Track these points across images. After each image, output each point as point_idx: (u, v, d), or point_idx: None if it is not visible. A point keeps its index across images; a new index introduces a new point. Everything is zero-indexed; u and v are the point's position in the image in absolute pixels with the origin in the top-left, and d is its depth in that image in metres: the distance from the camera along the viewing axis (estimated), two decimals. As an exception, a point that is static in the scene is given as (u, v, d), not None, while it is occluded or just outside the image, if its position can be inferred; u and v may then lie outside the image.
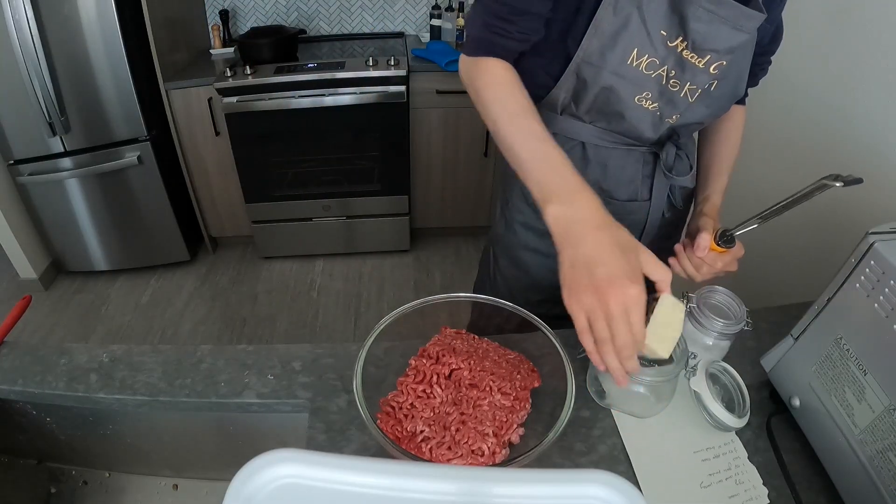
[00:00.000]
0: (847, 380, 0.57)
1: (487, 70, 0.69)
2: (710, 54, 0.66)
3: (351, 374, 0.59)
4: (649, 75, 0.69)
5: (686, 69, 0.68)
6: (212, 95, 2.12)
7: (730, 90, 0.74)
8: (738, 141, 0.87)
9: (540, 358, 0.68)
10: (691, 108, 0.73)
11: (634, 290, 0.51)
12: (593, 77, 0.70)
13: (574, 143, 0.80)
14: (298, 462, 0.38)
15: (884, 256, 0.53)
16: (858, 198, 1.06)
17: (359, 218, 2.49)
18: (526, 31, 0.69)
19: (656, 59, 0.68)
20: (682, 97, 0.71)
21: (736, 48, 0.67)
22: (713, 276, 0.75)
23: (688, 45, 0.66)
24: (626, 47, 0.67)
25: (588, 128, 0.78)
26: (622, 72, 0.69)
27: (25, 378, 0.73)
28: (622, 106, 0.72)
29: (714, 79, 0.70)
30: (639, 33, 0.66)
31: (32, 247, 2.34)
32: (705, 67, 0.67)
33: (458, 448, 0.58)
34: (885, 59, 0.98)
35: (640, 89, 0.70)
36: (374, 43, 2.52)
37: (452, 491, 0.38)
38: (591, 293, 0.52)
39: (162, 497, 0.83)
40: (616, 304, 0.51)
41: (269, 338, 2.18)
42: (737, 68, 0.72)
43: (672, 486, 0.62)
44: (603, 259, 0.53)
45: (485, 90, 0.68)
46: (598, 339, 0.53)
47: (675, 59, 0.68)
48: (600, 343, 0.53)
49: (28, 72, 1.86)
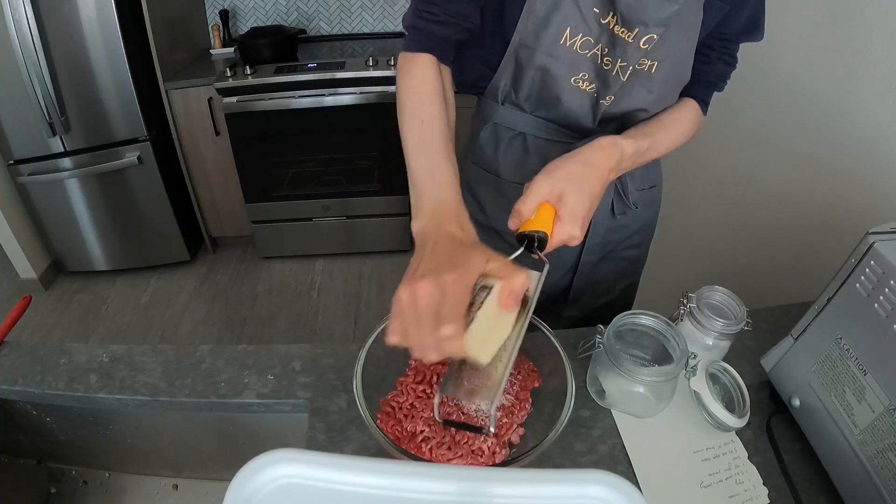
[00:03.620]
0: (847, 380, 0.57)
1: (414, 70, 0.68)
2: (638, 27, 0.65)
3: (351, 374, 0.59)
4: (584, 55, 0.69)
5: (617, 45, 0.67)
6: (212, 95, 2.12)
7: (673, 75, 0.72)
8: (686, 130, 0.78)
9: (540, 358, 0.67)
10: (628, 90, 0.71)
11: (439, 281, 0.46)
12: (528, 59, 0.70)
13: (515, 134, 0.80)
14: (298, 462, 0.38)
15: (884, 256, 0.53)
16: (858, 198, 1.06)
17: (359, 218, 2.49)
18: (453, 14, 0.68)
19: (591, 38, 0.68)
20: (615, 76, 0.70)
21: (667, 21, 0.65)
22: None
23: (617, 19, 0.65)
24: (559, 27, 0.67)
25: (529, 118, 0.78)
26: (556, 52, 0.68)
27: (25, 378, 0.73)
28: (558, 88, 0.72)
29: (644, 55, 0.68)
30: (571, 12, 0.66)
31: (32, 247, 2.34)
32: (635, 42, 0.66)
33: (458, 448, 0.58)
34: (885, 57, 0.98)
35: (575, 70, 0.70)
36: (374, 43, 2.52)
37: (452, 491, 0.38)
38: (406, 286, 0.48)
39: (162, 497, 0.83)
40: (423, 298, 0.46)
41: (269, 338, 2.18)
42: (677, 49, 0.70)
43: (672, 486, 0.62)
44: (432, 259, 0.50)
45: (404, 90, 0.67)
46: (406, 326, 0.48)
47: (608, 36, 0.67)
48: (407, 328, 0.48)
49: (28, 72, 1.86)
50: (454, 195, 0.58)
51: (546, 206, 0.58)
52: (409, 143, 0.64)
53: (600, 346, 0.66)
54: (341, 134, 2.25)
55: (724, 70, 0.78)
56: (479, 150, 0.85)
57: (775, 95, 1.22)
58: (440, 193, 0.58)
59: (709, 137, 0.99)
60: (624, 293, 0.98)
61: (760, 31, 0.74)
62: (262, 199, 2.39)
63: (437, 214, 0.56)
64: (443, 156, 0.61)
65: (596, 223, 0.84)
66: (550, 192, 0.58)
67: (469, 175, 0.89)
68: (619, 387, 0.66)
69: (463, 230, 0.55)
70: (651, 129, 0.72)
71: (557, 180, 0.58)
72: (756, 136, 1.30)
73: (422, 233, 0.55)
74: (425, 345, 0.47)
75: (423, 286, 0.46)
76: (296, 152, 2.31)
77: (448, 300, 0.46)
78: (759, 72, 1.16)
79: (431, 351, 0.47)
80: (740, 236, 1.40)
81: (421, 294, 0.46)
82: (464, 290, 0.47)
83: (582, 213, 0.58)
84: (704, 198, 1.51)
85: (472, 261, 0.49)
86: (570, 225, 0.57)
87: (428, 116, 0.64)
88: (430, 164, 0.61)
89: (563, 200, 0.58)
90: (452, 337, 0.45)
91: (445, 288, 0.46)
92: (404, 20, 0.72)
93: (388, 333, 0.49)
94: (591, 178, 0.60)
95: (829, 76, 1.11)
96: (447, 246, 0.52)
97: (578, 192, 0.58)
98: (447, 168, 0.60)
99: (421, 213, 0.57)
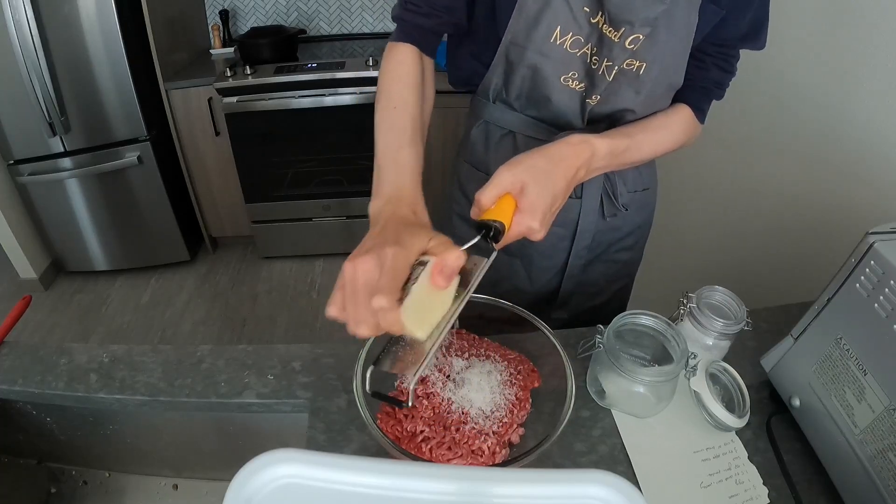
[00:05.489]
0: (847, 380, 0.57)
1: (394, 59, 0.70)
2: (624, 26, 0.65)
3: (351, 374, 0.59)
4: (574, 54, 0.69)
5: (604, 44, 0.67)
6: (212, 95, 2.12)
7: (663, 77, 0.71)
8: (674, 134, 0.76)
9: (540, 358, 0.67)
10: (615, 91, 0.71)
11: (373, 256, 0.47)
12: (519, 57, 0.71)
13: (505, 133, 0.80)
14: (298, 462, 0.38)
15: (884, 256, 0.53)
16: (858, 198, 1.06)
17: (359, 218, 2.48)
18: (438, 8, 0.70)
19: (581, 37, 0.68)
20: (601, 75, 0.70)
21: (654, 21, 0.64)
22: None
23: (605, 18, 0.66)
24: (550, 25, 0.67)
25: (519, 117, 0.78)
26: (546, 50, 0.69)
27: (25, 378, 0.73)
28: (548, 88, 0.72)
29: (632, 55, 0.67)
30: (562, 10, 0.66)
31: (32, 247, 2.34)
32: (620, 41, 0.66)
33: (458, 448, 0.58)
34: (885, 57, 0.98)
35: (565, 68, 0.70)
36: (374, 43, 2.52)
37: (452, 491, 0.38)
38: (349, 261, 0.49)
39: (162, 497, 0.83)
40: (362, 273, 0.47)
41: (269, 338, 2.18)
42: (667, 51, 0.69)
43: (672, 486, 0.62)
44: (379, 237, 0.51)
45: (382, 77, 0.69)
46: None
47: (597, 35, 0.68)
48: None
49: (28, 72, 1.86)
50: (413, 180, 0.59)
51: (507, 198, 0.58)
52: (379, 126, 0.65)
53: (600, 346, 0.66)
54: (341, 134, 2.25)
55: (721, 77, 0.76)
56: (471, 149, 0.86)
57: (776, 95, 1.22)
58: (400, 178, 0.59)
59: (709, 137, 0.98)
60: (617, 295, 0.98)
61: (762, 40, 0.73)
62: (262, 199, 2.39)
63: (393, 198, 0.57)
64: (408, 142, 0.63)
65: (584, 226, 0.84)
66: (512, 183, 0.57)
67: (461, 173, 0.89)
68: (619, 387, 0.66)
69: (415, 214, 0.56)
70: (633, 130, 0.71)
71: (520, 172, 0.58)
72: (756, 135, 1.30)
73: (375, 213, 0.57)
74: (359, 318, 0.47)
75: (364, 260, 0.47)
76: (296, 152, 2.31)
77: (385, 273, 0.46)
78: (759, 71, 1.16)
79: (364, 325, 0.47)
80: (740, 236, 1.40)
81: (360, 269, 0.47)
82: (402, 265, 0.48)
83: (542, 207, 0.58)
84: (704, 197, 1.51)
85: (415, 237, 0.50)
86: (528, 217, 0.57)
87: (400, 103, 0.66)
88: (394, 148, 0.62)
89: (524, 192, 0.57)
90: (386, 310, 0.45)
91: (385, 261, 0.47)
92: (392, 12, 0.73)
93: (328, 305, 0.49)
94: (555, 173, 0.60)
95: (829, 76, 1.11)
96: (395, 225, 0.53)
97: (540, 186, 0.58)
98: (410, 153, 0.62)
99: (378, 196, 0.58)
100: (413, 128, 0.64)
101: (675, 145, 0.77)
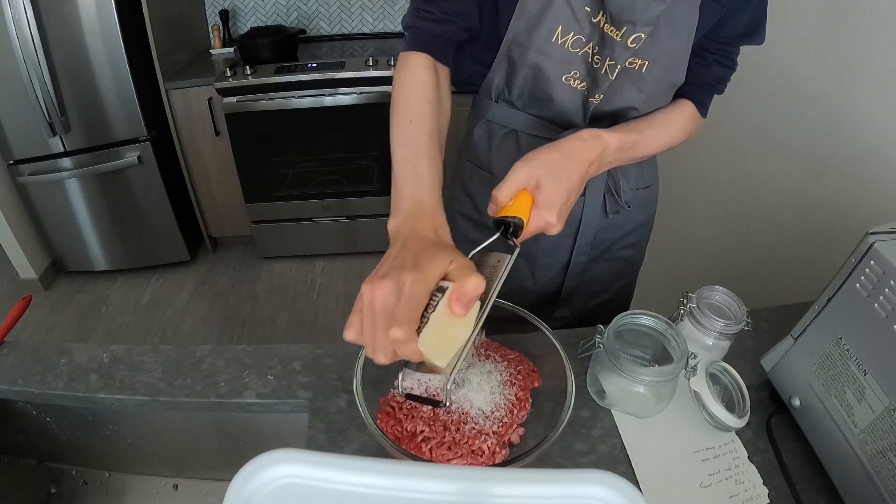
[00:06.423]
0: (847, 380, 0.57)
1: (408, 69, 0.68)
2: (626, 25, 0.65)
3: (351, 374, 0.59)
4: (576, 53, 0.69)
5: (606, 44, 0.68)
6: (212, 95, 2.12)
7: (665, 75, 0.72)
8: (679, 130, 0.77)
9: (540, 358, 0.67)
10: (618, 89, 0.71)
11: (395, 281, 0.46)
12: (521, 57, 0.71)
13: (508, 132, 0.81)
14: (298, 462, 0.38)
15: (884, 256, 0.53)
16: (858, 198, 1.06)
17: (359, 218, 2.48)
18: (451, 13, 0.69)
19: (582, 37, 0.68)
20: (604, 74, 0.70)
21: (656, 20, 0.65)
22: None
23: (607, 18, 0.66)
24: (551, 25, 0.67)
25: (521, 115, 0.78)
26: (548, 50, 0.69)
27: (25, 378, 0.73)
28: (550, 87, 0.72)
29: (634, 54, 0.68)
30: (563, 10, 0.66)
31: (32, 247, 2.34)
32: (622, 40, 0.66)
33: (458, 448, 0.58)
34: (885, 57, 0.98)
35: (567, 68, 0.70)
36: (374, 43, 2.52)
37: (452, 491, 0.38)
38: (368, 284, 0.48)
39: (162, 497, 0.83)
40: (380, 298, 0.46)
41: (269, 338, 2.18)
42: (669, 50, 0.69)
43: (672, 486, 0.62)
44: (398, 258, 0.50)
45: (396, 89, 0.67)
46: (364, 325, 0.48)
47: (599, 34, 0.68)
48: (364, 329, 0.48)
49: (28, 72, 1.86)
50: (432, 193, 0.58)
51: (524, 194, 0.58)
52: (395, 141, 0.64)
53: (600, 346, 0.66)
54: (341, 134, 2.25)
55: (723, 73, 0.77)
56: (474, 148, 0.86)
57: (776, 95, 1.22)
58: (419, 191, 0.58)
59: (709, 137, 0.99)
60: (620, 293, 0.98)
61: (761, 36, 0.74)
62: (262, 199, 2.39)
63: (412, 214, 0.56)
64: (425, 154, 0.61)
65: (587, 223, 0.84)
66: (528, 179, 0.58)
67: (464, 173, 0.89)
68: (619, 387, 0.66)
69: (436, 233, 0.54)
70: (640, 125, 0.72)
71: (535, 168, 0.58)
72: (756, 135, 1.30)
73: (395, 231, 0.55)
74: (376, 346, 0.46)
75: (382, 285, 0.46)
76: (296, 152, 2.31)
77: (403, 302, 0.45)
78: (759, 71, 1.16)
79: (382, 353, 0.46)
80: (740, 236, 1.40)
81: (378, 294, 0.46)
82: (421, 292, 0.46)
83: (559, 202, 0.58)
84: (704, 197, 1.51)
85: (435, 261, 0.48)
86: (546, 212, 0.57)
87: (416, 115, 0.64)
88: (411, 162, 0.61)
89: (540, 188, 0.58)
90: (404, 341, 0.45)
91: (403, 288, 0.46)
92: (403, 21, 0.72)
93: (346, 328, 0.49)
94: (569, 168, 0.60)
95: (829, 76, 1.11)
96: (415, 246, 0.51)
97: (556, 181, 0.58)
98: (429, 167, 0.60)
99: (398, 212, 0.57)
100: (429, 140, 0.62)
101: (680, 140, 0.78)
